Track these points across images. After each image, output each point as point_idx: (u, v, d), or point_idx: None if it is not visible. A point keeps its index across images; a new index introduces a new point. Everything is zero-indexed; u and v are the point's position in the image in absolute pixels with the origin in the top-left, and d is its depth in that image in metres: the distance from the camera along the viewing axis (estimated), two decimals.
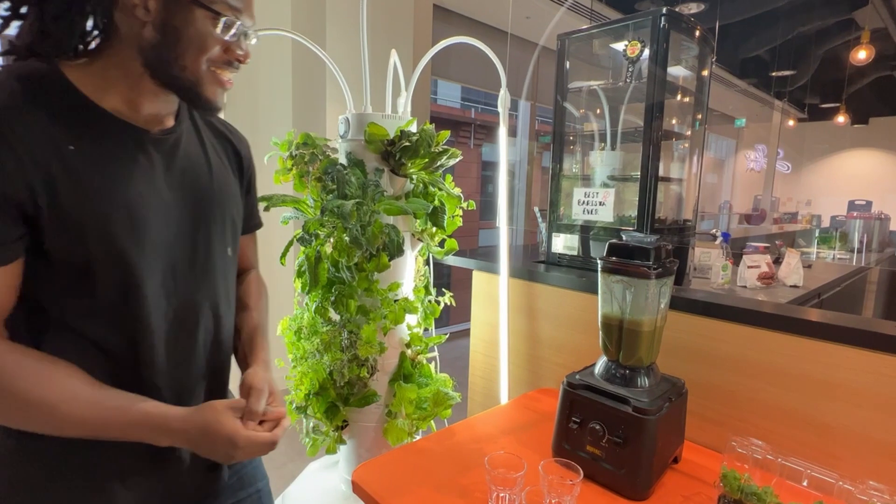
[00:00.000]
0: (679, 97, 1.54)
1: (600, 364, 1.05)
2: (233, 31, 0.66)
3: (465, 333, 4.48)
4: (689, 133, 1.59)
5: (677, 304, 1.16)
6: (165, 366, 0.70)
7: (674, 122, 1.55)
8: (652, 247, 0.96)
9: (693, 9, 3.79)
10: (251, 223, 0.93)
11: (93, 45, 0.65)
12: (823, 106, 7.31)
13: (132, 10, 0.62)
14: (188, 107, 0.77)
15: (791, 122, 7.40)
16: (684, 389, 1.04)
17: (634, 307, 0.98)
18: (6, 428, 0.64)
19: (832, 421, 0.98)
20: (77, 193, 0.60)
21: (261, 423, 0.71)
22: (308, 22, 2.81)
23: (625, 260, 0.98)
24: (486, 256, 1.69)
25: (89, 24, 0.64)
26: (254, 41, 0.72)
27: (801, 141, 8.46)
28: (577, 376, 1.04)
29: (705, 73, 1.55)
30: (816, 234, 4.33)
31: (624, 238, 1.01)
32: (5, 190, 0.57)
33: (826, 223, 4.48)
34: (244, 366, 0.82)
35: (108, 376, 0.66)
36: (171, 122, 0.72)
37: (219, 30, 0.65)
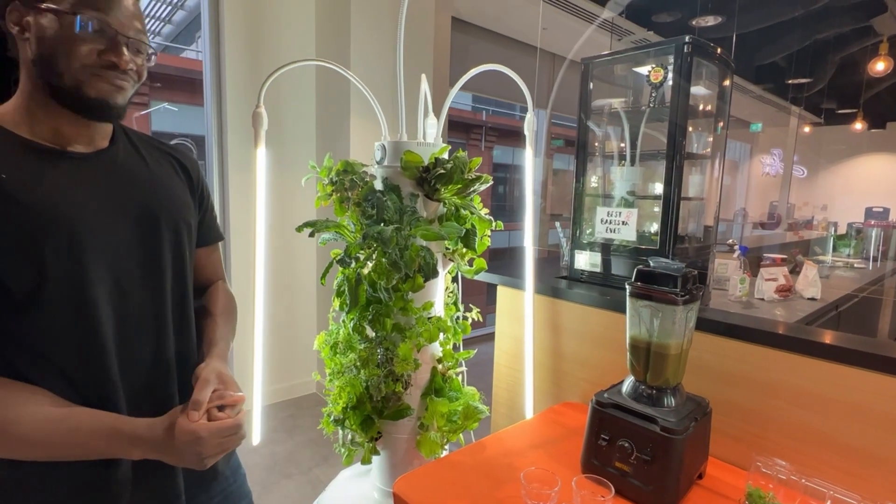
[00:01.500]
0: (700, 109, 1.57)
1: (628, 383, 1.10)
2: (90, 29, 0.66)
3: (481, 339, 4.50)
4: (710, 139, 1.61)
5: (701, 325, 1.20)
6: (119, 370, 0.71)
7: (692, 131, 1.57)
8: (679, 274, 1.01)
9: (710, 21, 3.81)
10: (210, 236, 0.94)
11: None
12: (840, 111, 7.25)
13: (21, 37, 0.67)
14: (123, 129, 0.81)
15: (807, 129, 7.35)
16: (709, 409, 1.08)
17: (662, 331, 1.02)
18: None
19: (853, 442, 1.01)
20: (13, 217, 0.63)
21: (221, 409, 0.71)
22: (333, 49, 2.84)
23: (652, 286, 1.03)
24: (509, 269, 1.74)
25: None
26: (151, 54, 0.73)
27: (817, 145, 8.38)
28: (606, 395, 1.09)
29: (727, 83, 1.58)
30: (833, 233, 4.31)
31: (651, 264, 1.06)
32: None
33: (842, 230, 4.46)
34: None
35: (65, 391, 0.67)
36: (105, 144, 0.76)
37: (67, 28, 0.66)
